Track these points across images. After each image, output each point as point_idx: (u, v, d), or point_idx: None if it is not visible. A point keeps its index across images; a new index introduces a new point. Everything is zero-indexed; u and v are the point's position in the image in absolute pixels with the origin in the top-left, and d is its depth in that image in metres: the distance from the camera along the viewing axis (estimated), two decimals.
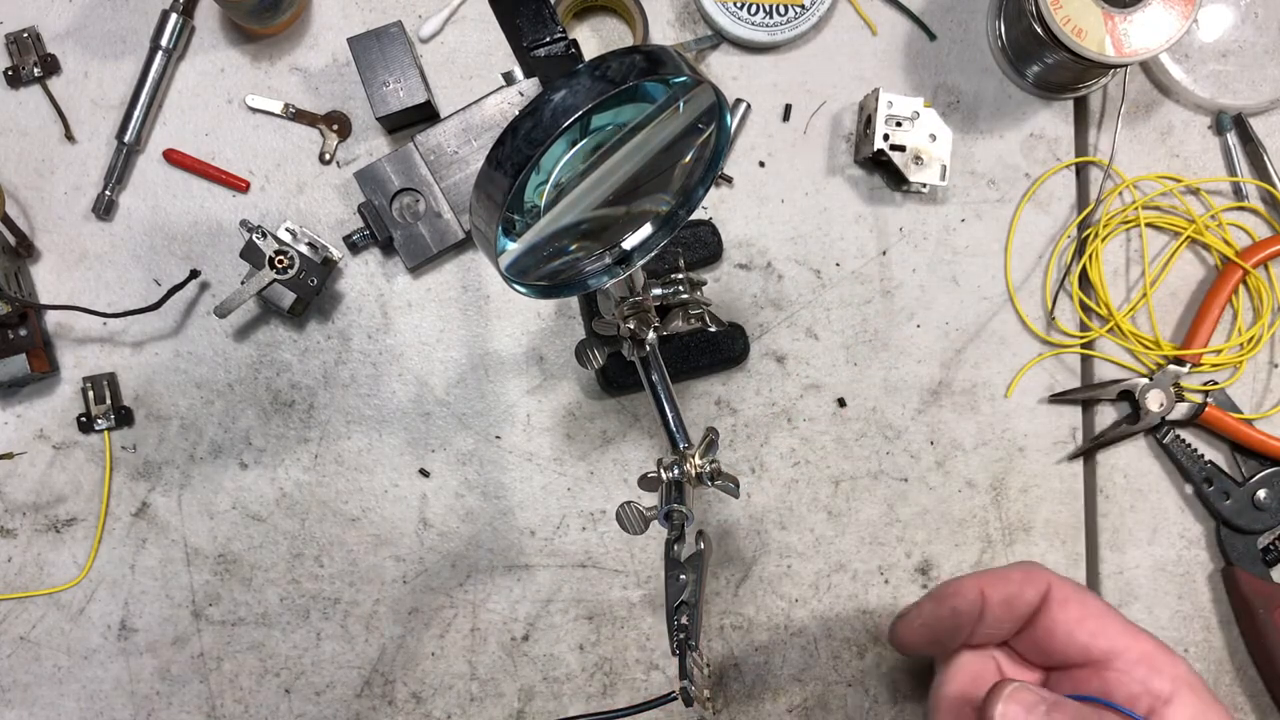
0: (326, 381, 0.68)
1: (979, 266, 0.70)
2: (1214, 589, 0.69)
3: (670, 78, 0.38)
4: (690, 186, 0.46)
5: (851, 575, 0.69)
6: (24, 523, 0.68)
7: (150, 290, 0.68)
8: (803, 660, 0.68)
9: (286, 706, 0.68)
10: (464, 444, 0.68)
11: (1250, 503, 0.68)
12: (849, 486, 0.69)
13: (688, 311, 0.57)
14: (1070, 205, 0.70)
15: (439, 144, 0.66)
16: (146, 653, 0.68)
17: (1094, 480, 0.70)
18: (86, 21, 0.69)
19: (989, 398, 0.69)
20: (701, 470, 0.51)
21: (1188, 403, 0.68)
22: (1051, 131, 0.70)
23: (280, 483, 0.68)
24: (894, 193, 0.70)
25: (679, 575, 0.49)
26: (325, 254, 0.67)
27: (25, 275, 0.67)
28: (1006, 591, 0.52)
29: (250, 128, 0.69)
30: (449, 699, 0.68)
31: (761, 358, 0.69)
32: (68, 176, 0.68)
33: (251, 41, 0.69)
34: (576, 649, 0.68)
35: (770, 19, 0.68)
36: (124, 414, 0.67)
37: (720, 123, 0.43)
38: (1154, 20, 0.61)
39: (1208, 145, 0.71)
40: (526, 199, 0.40)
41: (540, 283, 0.46)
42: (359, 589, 0.68)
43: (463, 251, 0.69)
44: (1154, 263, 0.70)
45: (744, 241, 0.69)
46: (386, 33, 0.65)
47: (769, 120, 0.70)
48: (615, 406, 0.69)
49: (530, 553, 0.68)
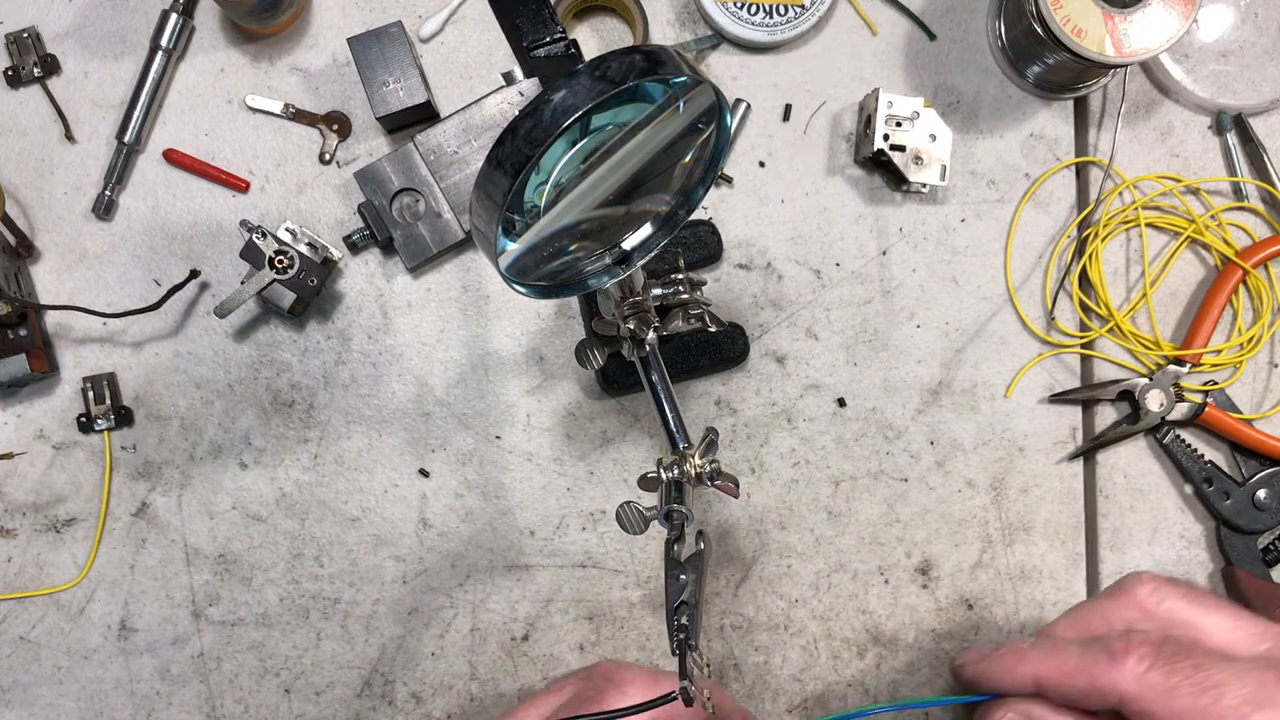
0: (326, 381, 0.68)
1: (979, 266, 0.70)
2: (1214, 589, 0.69)
3: (670, 78, 0.38)
4: (690, 186, 0.46)
5: (851, 575, 0.69)
6: (24, 523, 0.68)
7: (150, 290, 0.68)
8: (803, 660, 0.68)
9: (286, 706, 0.68)
10: (464, 444, 0.68)
11: (1250, 503, 0.68)
12: (849, 486, 0.69)
13: (688, 311, 0.57)
14: (1070, 205, 0.70)
15: (439, 144, 0.66)
16: (146, 653, 0.68)
17: (1094, 480, 0.70)
18: (86, 21, 0.69)
19: (989, 398, 0.70)
20: (701, 470, 0.51)
21: (1188, 403, 0.68)
22: (1051, 131, 0.70)
23: (280, 483, 0.68)
24: (894, 193, 0.70)
25: (679, 575, 0.49)
26: (325, 254, 0.67)
27: (25, 275, 0.67)
28: (1069, 691, 0.44)
29: (250, 128, 0.69)
30: (449, 699, 0.68)
31: (761, 358, 0.69)
32: (68, 176, 0.68)
33: (251, 41, 0.69)
34: (576, 649, 0.68)
35: (770, 19, 0.68)
36: (124, 414, 0.67)
37: (720, 123, 0.43)
38: (1154, 20, 0.61)
39: (1208, 145, 0.71)
40: (526, 199, 0.40)
41: (540, 283, 0.46)
42: (359, 589, 0.68)
43: (463, 251, 0.69)
44: (1154, 263, 0.70)
45: (744, 241, 0.69)
46: (386, 33, 0.65)
47: (769, 120, 0.70)
48: (615, 406, 0.69)
49: (530, 553, 0.68)
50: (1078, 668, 0.44)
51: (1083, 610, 0.50)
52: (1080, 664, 0.44)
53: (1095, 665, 0.44)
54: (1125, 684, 0.43)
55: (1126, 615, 0.48)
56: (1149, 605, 0.47)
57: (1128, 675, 0.42)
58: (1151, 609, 0.47)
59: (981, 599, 0.69)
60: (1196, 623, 0.46)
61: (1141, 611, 0.47)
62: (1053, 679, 0.45)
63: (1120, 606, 0.48)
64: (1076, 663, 0.44)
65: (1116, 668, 0.43)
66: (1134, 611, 0.47)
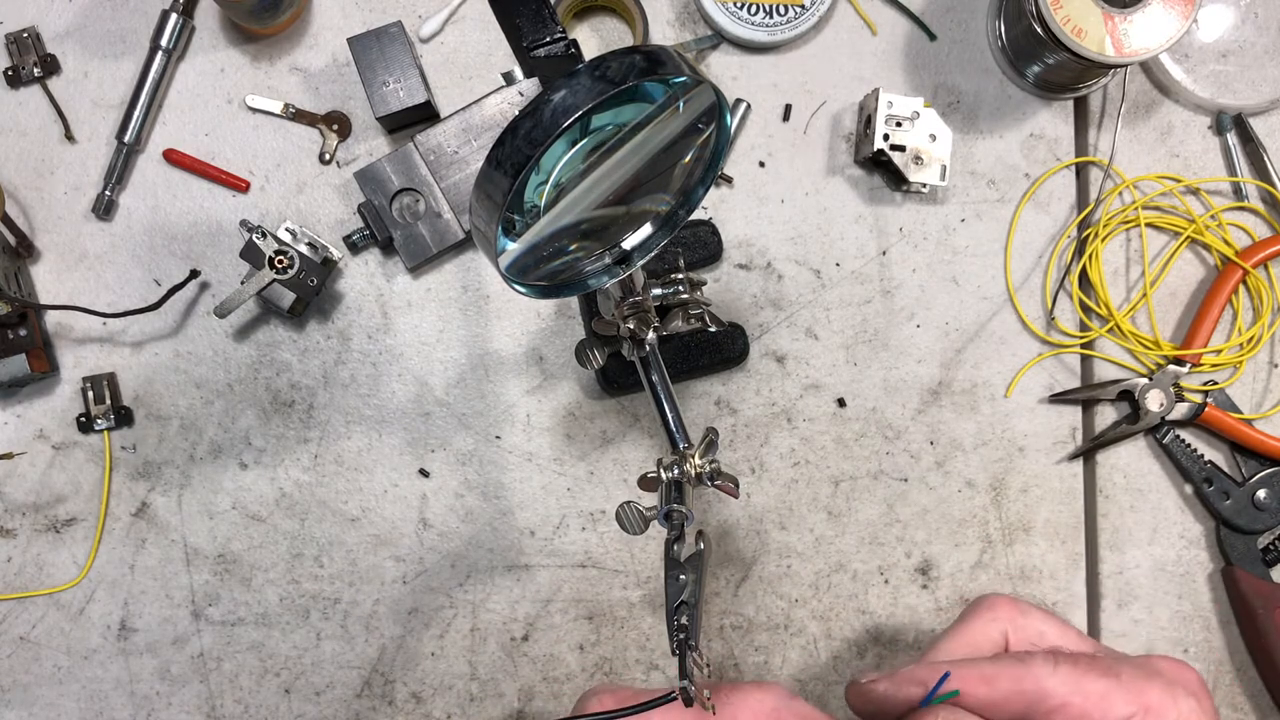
0: (326, 381, 0.68)
1: (979, 266, 0.70)
2: (1214, 589, 0.69)
3: (670, 78, 0.38)
4: (690, 186, 0.46)
5: (851, 575, 0.69)
6: (24, 523, 0.68)
7: (150, 290, 0.68)
8: (803, 660, 0.68)
9: (286, 706, 0.68)
10: (464, 444, 0.68)
11: (1250, 503, 0.68)
12: (849, 486, 0.69)
13: (688, 311, 0.57)
14: (1070, 205, 0.70)
15: (439, 144, 0.66)
16: (146, 653, 0.68)
17: (1094, 480, 0.70)
18: (86, 21, 0.69)
19: (989, 398, 0.69)
20: (701, 470, 0.51)
21: (1187, 403, 0.68)
22: (1051, 131, 0.70)
23: (280, 483, 0.68)
24: (894, 193, 0.70)
25: (679, 575, 0.49)
26: (325, 254, 0.67)
27: (25, 275, 0.67)
28: (988, 697, 0.47)
29: (250, 128, 0.69)
30: (449, 699, 0.68)
31: (761, 358, 0.69)
32: (68, 176, 0.68)
33: (251, 41, 0.69)
34: (576, 649, 0.68)
35: (770, 19, 0.68)
36: (124, 414, 0.67)
37: (720, 123, 0.43)
38: (1154, 20, 0.61)
39: (1208, 145, 0.71)
40: (526, 199, 0.40)
41: (540, 283, 0.46)
42: (359, 589, 0.68)
43: (463, 251, 0.69)
44: (1154, 263, 0.70)
45: (744, 241, 0.69)
46: (386, 33, 0.65)
47: (769, 120, 0.70)
48: (615, 406, 0.69)
49: (530, 553, 0.68)
50: (996, 673, 0.48)
51: (959, 631, 0.52)
52: (998, 670, 0.48)
53: (1013, 670, 0.47)
54: (1046, 681, 0.47)
55: (998, 629, 0.52)
56: (1017, 619, 0.51)
57: (1042, 673, 0.47)
58: (1021, 622, 0.51)
59: None
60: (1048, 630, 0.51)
61: (1011, 625, 0.51)
62: (975, 686, 0.47)
63: (987, 622, 0.52)
64: (994, 669, 0.48)
65: (1032, 670, 0.47)
66: (1004, 624, 0.52)
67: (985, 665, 0.48)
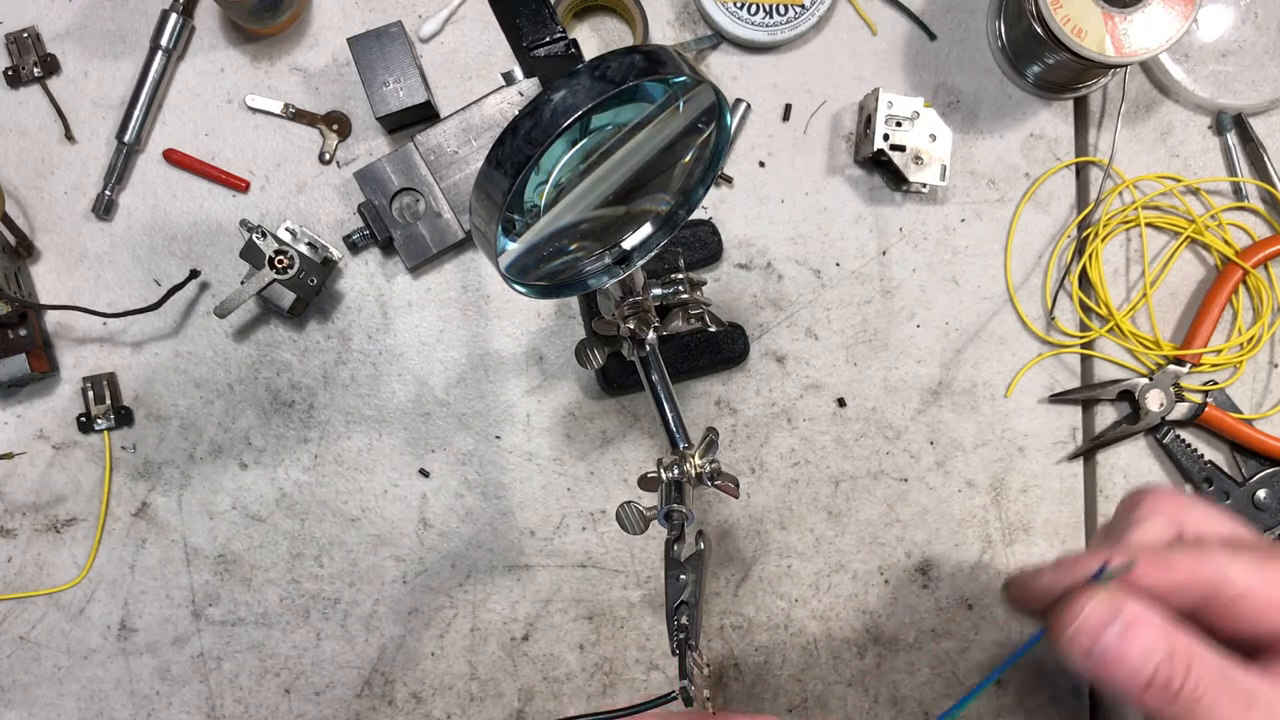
0: (326, 381, 0.68)
1: (979, 266, 0.70)
2: None
3: (670, 78, 0.38)
4: (690, 186, 0.46)
5: (851, 575, 0.69)
6: (24, 523, 0.68)
7: (150, 290, 0.68)
8: (803, 660, 0.68)
9: (286, 706, 0.68)
10: (464, 444, 0.68)
11: (1250, 503, 0.68)
12: (849, 486, 0.69)
13: (688, 311, 0.57)
14: (1070, 205, 0.70)
15: (439, 144, 0.66)
16: (146, 653, 0.68)
17: (1094, 480, 0.70)
18: (86, 21, 0.69)
19: (989, 398, 0.69)
20: (701, 470, 0.51)
21: (1188, 403, 0.68)
22: (1051, 131, 0.70)
23: (280, 483, 0.68)
24: (894, 193, 0.70)
25: (679, 575, 0.49)
26: (325, 254, 0.67)
27: (25, 275, 0.67)
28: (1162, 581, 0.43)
29: (250, 128, 0.69)
30: (449, 699, 0.68)
31: (761, 358, 0.69)
32: (68, 176, 0.68)
33: (251, 41, 0.69)
34: (576, 649, 0.68)
35: (770, 19, 0.68)
36: (124, 414, 0.67)
37: (720, 122, 0.43)
38: (1154, 20, 0.61)
39: (1208, 145, 0.71)
40: (526, 199, 0.40)
41: (540, 283, 0.46)
42: (359, 589, 0.68)
43: (463, 251, 0.69)
44: (1154, 263, 0.70)
45: (744, 241, 0.69)
46: (386, 33, 0.65)
47: (769, 120, 0.70)
48: (615, 406, 0.69)
49: (530, 553, 0.68)
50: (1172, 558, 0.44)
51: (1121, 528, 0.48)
52: (1173, 554, 0.44)
53: (1190, 555, 0.44)
54: (1228, 568, 0.43)
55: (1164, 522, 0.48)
56: (1182, 512, 0.47)
57: (1222, 561, 0.43)
58: (1190, 513, 0.47)
59: (981, 599, 0.69)
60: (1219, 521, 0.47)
61: (1177, 518, 0.47)
62: (1147, 570, 0.43)
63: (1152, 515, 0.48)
64: (1169, 553, 0.44)
65: (1212, 557, 0.43)
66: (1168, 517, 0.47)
67: (1159, 550, 0.44)
